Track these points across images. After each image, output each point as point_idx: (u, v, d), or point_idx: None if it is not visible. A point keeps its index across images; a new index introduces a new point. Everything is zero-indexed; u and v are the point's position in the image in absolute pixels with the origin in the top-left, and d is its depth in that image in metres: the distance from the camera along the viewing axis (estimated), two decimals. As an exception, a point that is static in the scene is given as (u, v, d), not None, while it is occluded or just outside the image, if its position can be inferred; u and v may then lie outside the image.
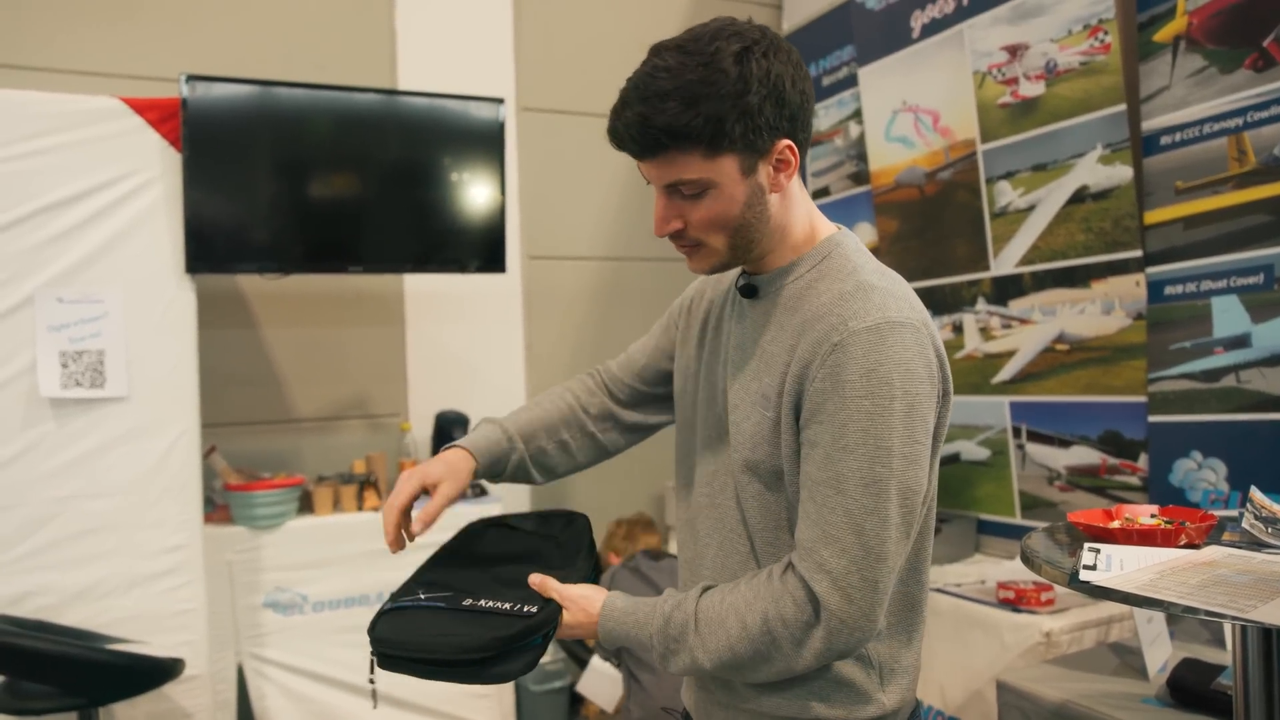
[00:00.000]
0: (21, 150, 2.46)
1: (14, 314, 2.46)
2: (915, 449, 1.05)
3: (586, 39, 3.81)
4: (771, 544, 1.16)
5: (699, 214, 1.11)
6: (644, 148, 1.07)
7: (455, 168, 3.10)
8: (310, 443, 3.38)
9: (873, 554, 1.03)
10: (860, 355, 1.03)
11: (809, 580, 1.05)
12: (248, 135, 2.79)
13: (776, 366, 1.12)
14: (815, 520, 1.05)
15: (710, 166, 1.07)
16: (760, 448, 1.13)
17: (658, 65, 1.05)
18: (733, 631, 1.09)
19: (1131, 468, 2.53)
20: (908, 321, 1.07)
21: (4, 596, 2.43)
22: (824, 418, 1.05)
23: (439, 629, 1.14)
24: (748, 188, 1.09)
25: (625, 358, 1.46)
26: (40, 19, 3.02)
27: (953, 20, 2.91)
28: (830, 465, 1.04)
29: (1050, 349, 2.72)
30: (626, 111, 1.06)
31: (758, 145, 1.07)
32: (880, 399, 1.03)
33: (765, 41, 1.07)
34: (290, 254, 2.92)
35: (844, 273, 1.13)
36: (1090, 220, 2.58)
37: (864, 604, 1.04)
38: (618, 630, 1.16)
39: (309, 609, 2.95)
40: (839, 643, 1.05)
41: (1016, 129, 2.75)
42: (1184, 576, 1.19)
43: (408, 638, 1.13)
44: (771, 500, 1.14)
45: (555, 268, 3.81)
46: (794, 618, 1.05)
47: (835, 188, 3.54)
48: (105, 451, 2.53)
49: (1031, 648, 2.26)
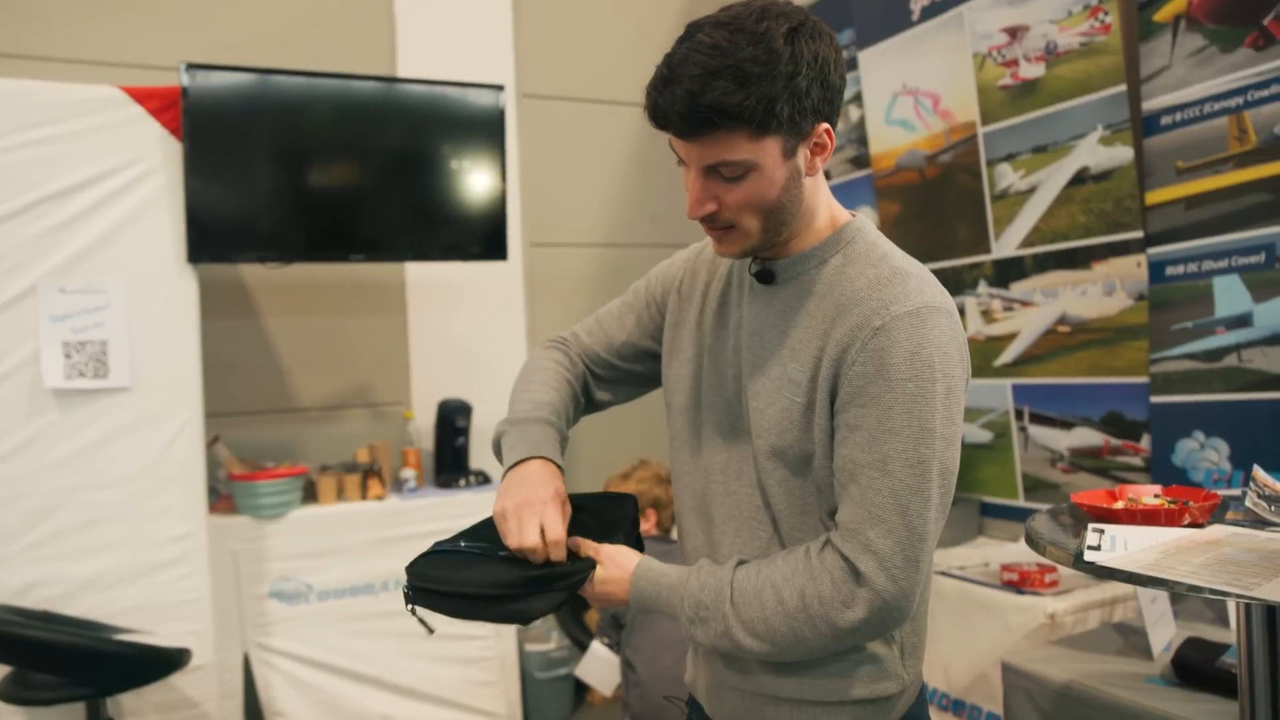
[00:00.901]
0: (22, 140, 2.46)
1: (16, 304, 2.46)
2: (952, 430, 1.07)
3: (586, 25, 3.79)
4: (797, 529, 1.15)
5: (736, 196, 1.08)
6: (691, 125, 1.03)
7: (456, 155, 3.09)
8: (314, 432, 3.38)
9: (916, 534, 1.04)
10: (904, 339, 1.04)
11: (854, 560, 1.04)
12: (248, 124, 2.78)
13: (807, 352, 1.11)
14: (859, 501, 1.05)
15: (755, 148, 1.04)
16: (789, 433, 1.12)
17: (703, 42, 1.02)
18: (768, 605, 1.08)
19: (1134, 448, 2.53)
20: (943, 307, 1.08)
21: (10, 587, 2.43)
22: (866, 400, 1.05)
23: (472, 569, 1.17)
24: (787, 170, 1.08)
25: (598, 330, 1.40)
26: (41, 8, 3.00)
27: (952, 3, 2.90)
28: (875, 447, 1.04)
29: (1052, 331, 2.72)
30: (672, 88, 1.02)
31: (801, 128, 1.06)
32: (923, 381, 1.04)
33: (810, 22, 1.06)
34: (292, 243, 2.92)
35: (874, 258, 1.13)
36: (1091, 201, 2.58)
37: (906, 584, 1.04)
38: (650, 590, 1.15)
39: (314, 598, 2.95)
40: (877, 621, 1.05)
41: (1017, 111, 2.74)
42: (1188, 556, 1.20)
43: (441, 574, 1.17)
44: (797, 486, 1.14)
45: (557, 255, 3.80)
46: (831, 595, 1.05)
47: (836, 171, 3.53)
48: (109, 442, 2.54)
49: (1036, 629, 2.27)
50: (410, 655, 3.03)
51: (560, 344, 1.42)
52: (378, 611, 3.01)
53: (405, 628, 3.02)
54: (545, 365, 1.38)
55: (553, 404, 1.32)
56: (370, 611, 3.01)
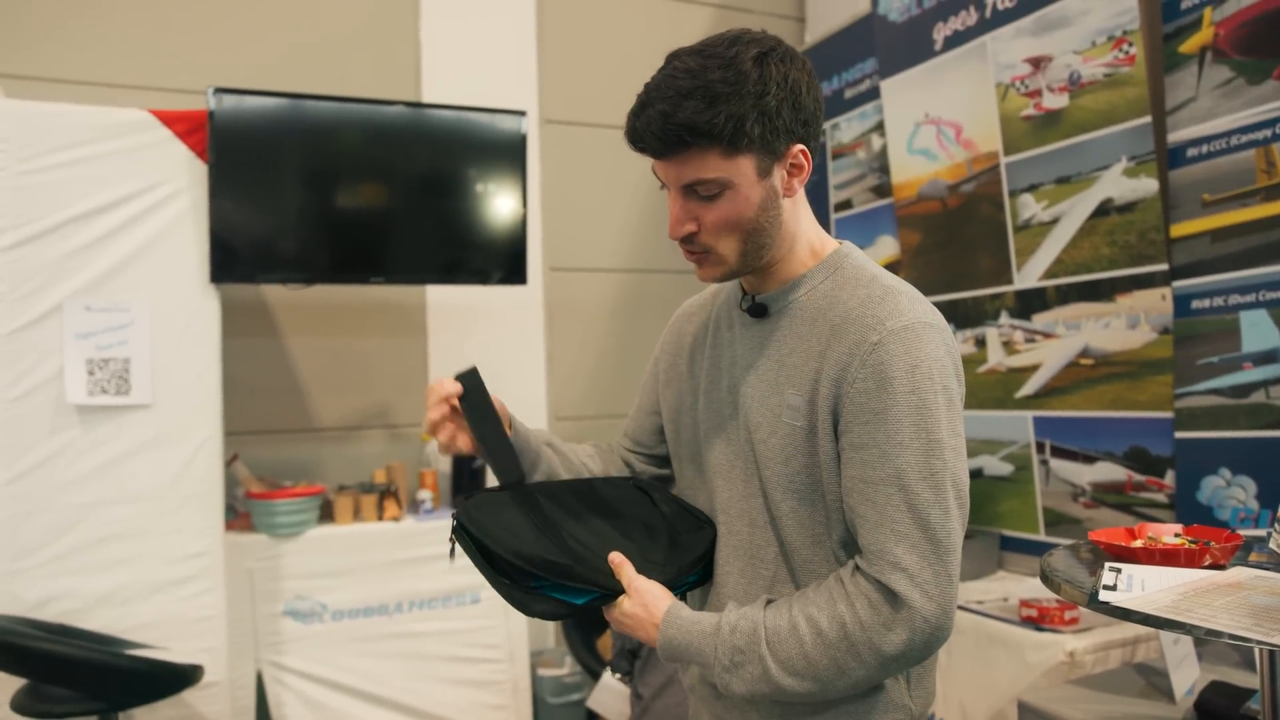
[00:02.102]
0: (53, 161, 2.50)
1: (43, 322, 2.49)
2: (958, 442, 1.07)
3: (609, 52, 3.82)
4: (810, 561, 1.14)
5: (714, 215, 1.11)
6: (665, 144, 1.08)
7: (478, 180, 3.11)
8: (332, 452, 3.40)
9: (941, 546, 1.03)
10: (902, 352, 1.05)
11: (886, 581, 1.02)
12: (273, 147, 2.82)
13: (803, 376, 1.12)
14: (877, 522, 1.04)
15: (728, 166, 1.08)
16: (794, 459, 1.12)
17: (677, 68, 1.07)
18: (806, 639, 1.05)
19: (1158, 484, 2.49)
20: (936, 323, 1.10)
21: (29, 600, 2.45)
22: (870, 416, 1.05)
23: (514, 531, 1.14)
24: (763, 190, 1.11)
25: (629, 422, 1.45)
26: (73, 34, 3.07)
27: (975, 32, 2.89)
28: (887, 463, 1.04)
29: (1074, 363, 2.69)
30: (647, 110, 1.07)
31: (774, 147, 1.09)
32: (925, 393, 1.04)
33: (781, 48, 1.10)
34: (313, 265, 2.94)
35: (863, 280, 1.14)
36: (1115, 233, 2.55)
37: (941, 599, 1.03)
38: (680, 639, 1.11)
39: (328, 618, 2.96)
40: (919, 641, 1.03)
41: (1040, 141, 2.73)
42: (1208, 598, 1.17)
43: (485, 520, 1.14)
44: (806, 516, 1.13)
45: (577, 280, 3.82)
46: (871, 620, 1.03)
47: (857, 200, 3.52)
48: (129, 458, 2.56)
49: (1055, 667, 2.23)
50: (423, 677, 3.02)
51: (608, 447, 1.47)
52: (391, 633, 3.01)
53: (418, 650, 3.03)
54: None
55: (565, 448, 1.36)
56: (384, 632, 3.00)
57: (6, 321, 2.46)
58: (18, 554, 2.45)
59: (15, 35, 3.00)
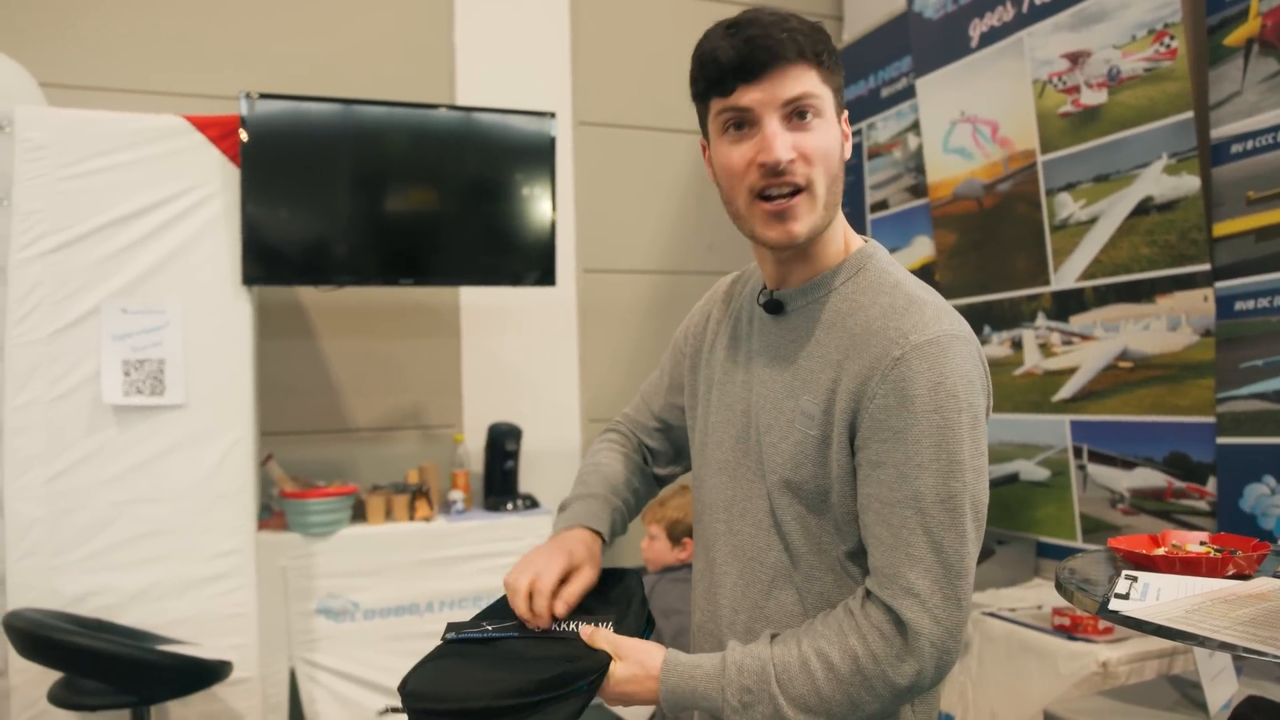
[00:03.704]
0: (91, 167, 2.57)
1: (81, 324, 2.56)
2: (980, 462, 1.03)
3: (643, 55, 3.82)
4: (815, 568, 1.11)
5: (812, 142, 1.05)
6: (773, 56, 1.03)
7: (508, 181, 3.13)
8: (365, 452, 3.43)
9: (953, 571, 1.00)
10: (925, 369, 1.00)
11: (894, 606, 1.00)
12: (304, 151, 2.86)
13: (820, 383, 1.08)
14: (892, 544, 1.01)
15: (824, 90, 1.07)
16: (804, 467, 1.08)
17: (754, 12, 1.06)
18: (818, 674, 1.01)
19: (1200, 491, 2.41)
20: (963, 335, 1.05)
21: (68, 595, 2.52)
22: (889, 435, 1.01)
23: (474, 677, 1.03)
24: (839, 132, 1.10)
25: (640, 402, 1.42)
26: (111, 43, 3.15)
27: (1012, 28, 2.83)
28: (905, 484, 1.00)
29: (1113, 366, 2.61)
30: (742, 31, 1.03)
31: (841, 96, 1.11)
32: (948, 412, 1.00)
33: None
34: (345, 267, 2.98)
35: (885, 286, 1.10)
36: (1155, 233, 2.47)
37: (950, 624, 1.00)
38: (683, 687, 1.05)
39: (360, 616, 2.99)
40: (931, 671, 1.00)
41: (1078, 139, 2.66)
42: (1228, 609, 1.12)
43: (441, 689, 1.02)
44: (813, 523, 1.10)
45: (610, 281, 3.81)
46: (884, 652, 1.00)
47: (893, 201, 3.47)
48: (164, 457, 2.61)
49: (1087, 678, 2.17)
50: (452, 677, 3.04)
51: (613, 426, 1.44)
52: (422, 632, 3.03)
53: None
54: (601, 448, 1.40)
55: (608, 478, 1.33)
56: (415, 631, 3.02)
57: (47, 324, 2.52)
58: (57, 550, 2.52)
59: (59, 45, 3.09)
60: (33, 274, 2.51)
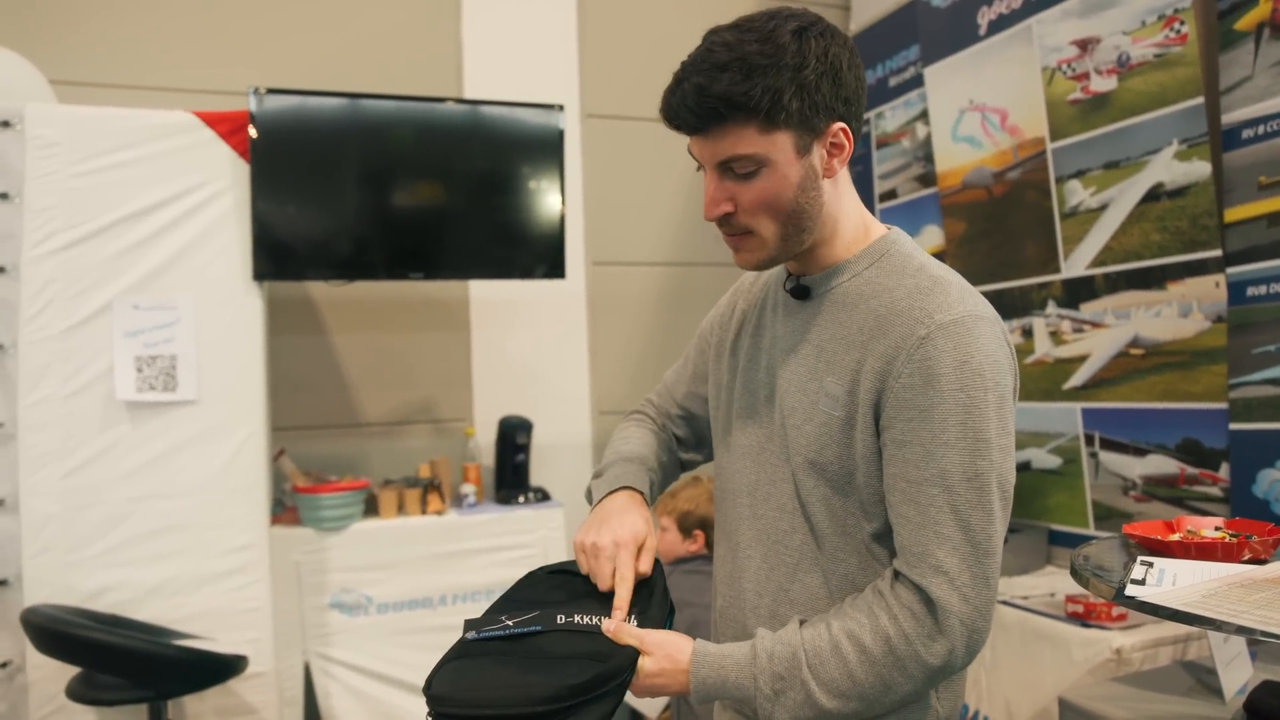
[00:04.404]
0: (102, 164, 2.58)
1: (94, 320, 2.57)
2: (1007, 440, 1.04)
3: (650, 46, 3.81)
4: (840, 549, 1.11)
5: (751, 195, 1.06)
6: (700, 119, 1.03)
7: (517, 174, 3.13)
8: (376, 447, 3.44)
9: (981, 549, 1.00)
10: (951, 348, 1.01)
11: (924, 585, 1.00)
12: (312, 145, 2.86)
13: (844, 365, 1.08)
14: (919, 523, 1.01)
15: (765, 142, 1.03)
16: (828, 449, 1.09)
17: (714, 42, 1.03)
18: (850, 658, 1.01)
19: (1212, 478, 2.40)
20: (988, 316, 1.06)
21: (84, 591, 2.53)
22: (915, 414, 1.02)
23: (503, 680, 1.01)
24: (801, 169, 1.06)
25: (664, 389, 1.43)
26: (121, 40, 3.15)
27: (1020, 16, 2.82)
28: (931, 462, 1.01)
29: (1124, 353, 2.60)
30: (682, 85, 1.04)
31: (813, 124, 1.05)
32: (974, 390, 1.01)
33: (822, 24, 1.06)
34: (354, 262, 2.98)
35: (909, 269, 1.10)
36: (1166, 219, 2.47)
37: (979, 602, 1.00)
38: (714, 677, 1.05)
39: (373, 610, 3.00)
40: (962, 649, 1.01)
41: (1087, 126, 2.65)
42: (1244, 594, 1.12)
43: (469, 693, 0.99)
44: (839, 505, 1.10)
45: (620, 273, 3.81)
46: (915, 631, 1.00)
47: (902, 190, 3.46)
48: (177, 453, 2.62)
49: (1101, 664, 2.17)
50: (465, 670, 3.05)
51: (639, 410, 1.45)
52: (435, 625, 3.04)
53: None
54: (629, 424, 1.41)
55: (638, 451, 1.32)
56: (428, 625, 3.04)
57: (59, 320, 2.53)
58: (72, 546, 2.53)
59: (68, 42, 3.09)
60: (45, 271, 2.52)
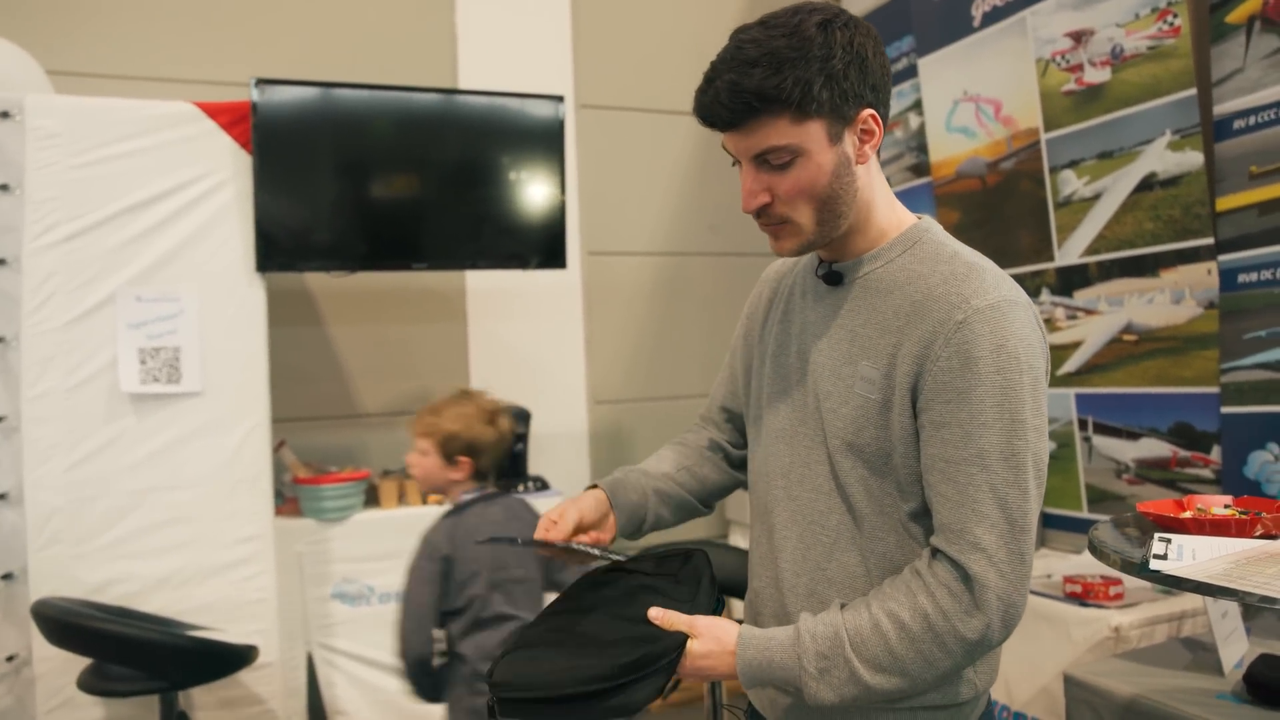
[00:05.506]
0: (104, 155, 2.56)
1: (97, 312, 2.56)
2: (1040, 422, 1.07)
3: (644, 36, 3.82)
4: (878, 529, 1.14)
5: (787, 184, 1.10)
6: (734, 114, 1.07)
7: (516, 165, 3.14)
8: (376, 437, 3.45)
9: (1017, 527, 1.04)
10: (988, 331, 1.04)
11: (962, 561, 1.03)
12: (313, 136, 2.86)
13: (880, 349, 1.12)
14: (958, 501, 1.05)
15: (799, 131, 1.07)
16: (865, 430, 1.12)
17: (742, 40, 1.07)
18: (890, 635, 1.04)
19: (1204, 460, 2.47)
20: (1021, 301, 1.09)
21: (90, 583, 2.53)
22: (953, 395, 1.05)
23: (558, 664, 1.07)
24: (835, 156, 1.10)
25: (709, 399, 1.48)
26: (122, 31, 3.13)
27: (1015, 7, 2.86)
28: (970, 442, 1.04)
29: (1117, 340, 2.66)
30: (714, 84, 1.07)
31: (844, 111, 1.09)
32: (1010, 373, 1.04)
33: (845, 15, 1.10)
34: (355, 252, 2.99)
35: (943, 256, 1.13)
36: (1159, 208, 2.52)
37: (1015, 578, 1.04)
38: (759, 659, 1.08)
39: (375, 600, 3.01)
40: (999, 624, 1.04)
41: (1081, 116, 2.70)
42: (1261, 567, 1.17)
43: (528, 678, 1.06)
44: (876, 485, 1.13)
45: (615, 263, 3.83)
46: (952, 607, 1.03)
47: (895, 179, 3.51)
48: (182, 445, 2.62)
49: (1100, 642, 2.22)
50: (468, 658, 3.07)
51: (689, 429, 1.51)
52: (437, 614, 3.05)
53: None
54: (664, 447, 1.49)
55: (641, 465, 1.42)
56: (430, 614, 3.05)
57: (62, 313, 2.52)
58: (79, 538, 2.52)
59: (65, 33, 3.06)
60: (47, 263, 2.51)
